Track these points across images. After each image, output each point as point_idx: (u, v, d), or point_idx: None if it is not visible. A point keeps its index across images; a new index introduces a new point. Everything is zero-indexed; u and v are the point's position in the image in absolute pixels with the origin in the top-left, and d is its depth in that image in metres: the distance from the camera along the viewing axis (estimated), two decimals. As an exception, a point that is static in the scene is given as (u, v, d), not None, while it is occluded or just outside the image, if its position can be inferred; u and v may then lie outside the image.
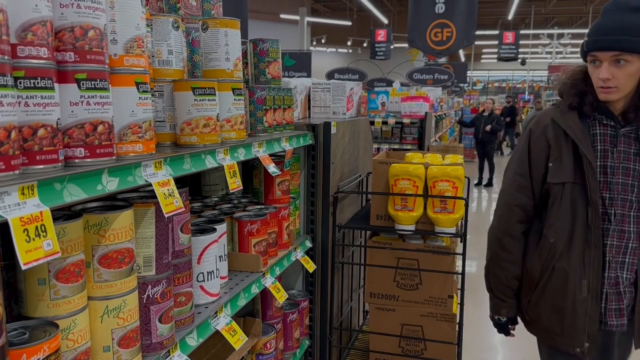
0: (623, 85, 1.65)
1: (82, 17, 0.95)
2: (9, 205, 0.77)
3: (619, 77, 1.64)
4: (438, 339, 2.22)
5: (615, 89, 1.66)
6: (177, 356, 1.25)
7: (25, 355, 0.85)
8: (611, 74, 1.65)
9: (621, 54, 1.62)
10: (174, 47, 1.35)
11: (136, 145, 1.10)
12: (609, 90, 1.67)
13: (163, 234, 1.21)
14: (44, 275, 0.95)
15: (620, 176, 1.71)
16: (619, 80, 1.65)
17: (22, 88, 0.85)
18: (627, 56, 1.62)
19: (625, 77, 1.64)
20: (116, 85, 1.05)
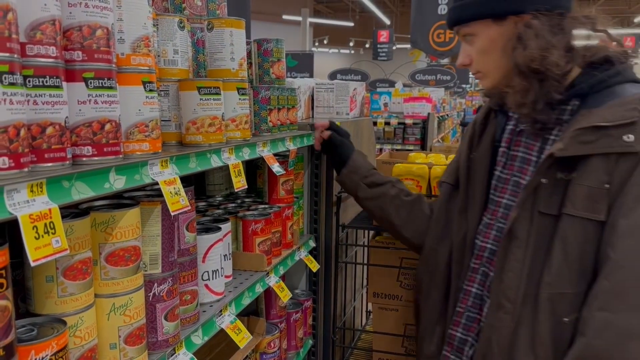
0: (485, 68, 1.33)
1: (90, 17, 0.95)
2: (19, 203, 0.78)
3: (474, 58, 1.33)
4: (441, 338, 2.21)
5: (481, 75, 1.35)
6: (183, 354, 1.26)
7: (34, 351, 0.86)
8: (467, 55, 1.34)
9: (462, 27, 1.33)
10: (179, 46, 1.36)
11: (143, 144, 1.10)
12: (476, 77, 1.37)
13: (169, 233, 1.21)
14: (51, 273, 0.96)
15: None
16: (478, 63, 1.33)
17: (31, 86, 0.86)
18: (469, 28, 1.31)
19: (480, 56, 1.31)
20: (123, 84, 1.06)
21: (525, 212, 1.26)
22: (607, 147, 1.14)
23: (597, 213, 1.16)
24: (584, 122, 1.17)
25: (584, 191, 1.17)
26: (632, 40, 14.56)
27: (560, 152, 1.18)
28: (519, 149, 1.37)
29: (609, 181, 1.14)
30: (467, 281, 1.44)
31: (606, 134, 1.14)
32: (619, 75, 1.23)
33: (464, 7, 1.30)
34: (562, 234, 1.19)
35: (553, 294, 1.20)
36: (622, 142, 1.12)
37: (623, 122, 1.13)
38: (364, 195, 1.75)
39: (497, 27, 1.27)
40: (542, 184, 1.23)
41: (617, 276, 1.12)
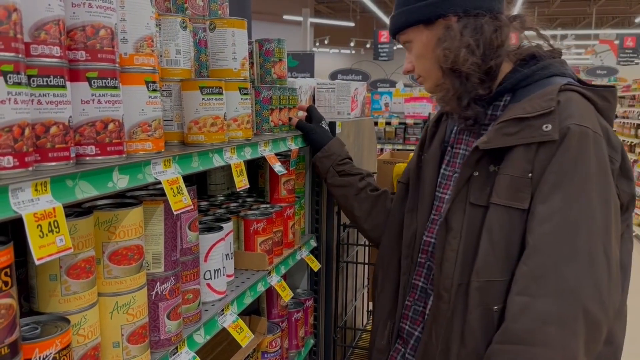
0: (423, 71, 1.38)
1: (93, 17, 0.96)
2: (23, 202, 0.79)
3: (415, 64, 1.39)
4: (442, 338, 2.22)
5: (422, 79, 1.41)
6: (185, 353, 1.26)
7: (38, 349, 0.86)
8: (410, 62, 1.41)
9: (399, 36, 1.39)
10: (181, 46, 1.37)
11: (146, 144, 1.11)
12: (419, 81, 1.43)
13: (171, 232, 1.22)
14: (55, 271, 0.96)
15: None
16: (418, 68, 1.39)
17: (35, 86, 0.86)
18: (405, 35, 1.38)
19: (418, 61, 1.38)
20: (126, 84, 1.07)
21: (459, 203, 1.29)
22: (528, 137, 1.18)
23: (520, 201, 1.19)
24: (507, 115, 1.22)
25: (507, 180, 1.20)
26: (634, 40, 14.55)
27: (484, 145, 1.22)
28: (460, 146, 1.43)
29: (532, 170, 1.18)
30: (415, 275, 1.48)
31: (528, 124, 1.18)
32: (546, 69, 1.28)
33: (399, 16, 1.37)
34: (488, 224, 1.22)
35: (481, 282, 1.23)
36: (542, 132, 1.16)
37: (542, 112, 1.17)
38: (332, 182, 1.83)
39: (428, 32, 1.33)
40: (474, 177, 1.27)
41: (534, 261, 1.15)
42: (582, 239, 1.12)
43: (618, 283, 1.16)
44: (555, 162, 1.16)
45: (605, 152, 1.17)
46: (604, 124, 1.21)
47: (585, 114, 1.18)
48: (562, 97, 1.20)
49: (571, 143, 1.15)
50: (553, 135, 1.16)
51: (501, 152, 1.23)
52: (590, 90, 1.24)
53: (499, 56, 1.29)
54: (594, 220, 1.13)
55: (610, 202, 1.16)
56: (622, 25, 20.03)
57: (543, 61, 1.30)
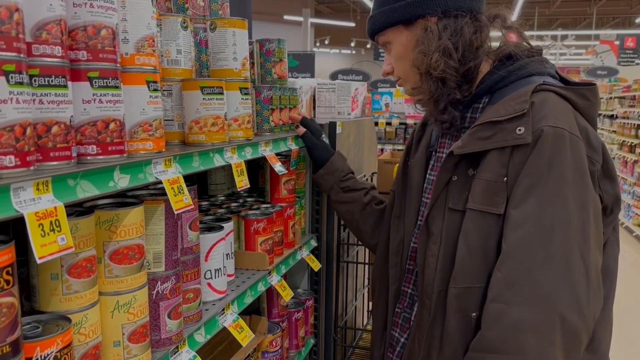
0: (402, 73, 1.36)
1: (94, 17, 0.96)
2: (25, 201, 0.79)
3: (394, 65, 1.37)
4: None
5: (401, 80, 1.39)
6: (186, 352, 1.27)
7: (39, 348, 0.86)
8: (389, 64, 1.39)
9: (379, 36, 1.37)
10: (182, 46, 1.37)
11: (147, 143, 1.11)
12: (398, 83, 1.41)
13: (172, 231, 1.22)
14: (56, 270, 0.97)
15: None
16: (397, 69, 1.37)
17: (37, 86, 0.87)
18: (384, 36, 1.35)
19: (397, 62, 1.35)
20: (127, 84, 1.07)
21: (439, 208, 1.27)
22: (502, 140, 1.15)
23: (496, 206, 1.16)
24: (481, 119, 1.19)
25: (482, 185, 1.17)
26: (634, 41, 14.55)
27: (459, 150, 1.20)
28: (443, 150, 1.40)
29: (506, 174, 1.15)
30: (405, 282, 1.45)
31: (501, 128, 1.15)
32: (522, 69, 1.24)
33: (378, 16, 1.33)
34: (465, 229, 1.20)
35: (459, 288, 1.20)
36: (515, 135, 1.13)
37: (514, 115, 1.14)
38: (337, 199, 1.78)
39: (407, 32, 1.30)
40: (453, 181, 1.24)
41: (508, 267, 1.12)
42: (557, 244, 1.08)
43: (599, 289, 1.11)
44: (529, 165, 1.12)
45: (584, 153, 1.12)
46: (582, 124, 1.17)
47: (561, 115, 1.14)
48: (537, 97, 1.16)
49: (545, 145, 1.11)
50: (526, 138, 1.12)
51: (478, 156, 1.20)
52: (567, 90, 1.19)
53: (477, 57, 1.26)
54: (569, 225, 1.09)
55: (589, 205, 1.11)
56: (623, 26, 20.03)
57: (520, 61, 1.26)
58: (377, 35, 1.36)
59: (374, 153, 3.03)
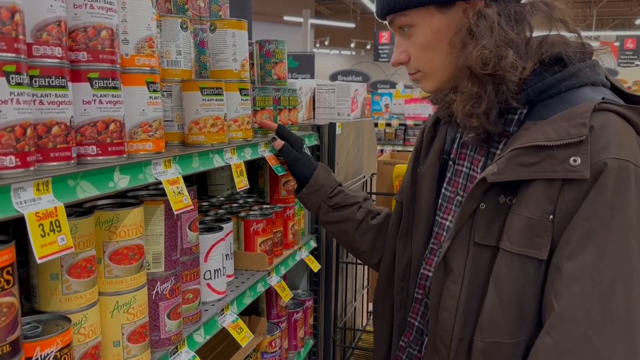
0: (427, 66, 1.11)
1: (95, 18, 0.97)
2: (25, 201, 0.79)
3: (413, 55, 1.10)
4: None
5: (421, 75, 1.13)
6: (185, 352, 1.27)
7: (39, 348, 0.87)
8: (403, 51, 1.12)
9: (397, 17, 1.09)
10: (182, 47, 1.37)
11: (146, 144, 1.12)
12: (415, 77, 1.15)
13: (172, 232, 1.23)
14: (56, 271, 0.97)
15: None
16: (418, 60, 1.11)
17: (37, 86, 0.87)
18: (406, 17, 1.07)
19: (421, 52, 1.09)
20: (127, 85, 1.07)
21: (462, 241, 1.05)
22: (550, 171, 0.94)
23: (538, 249, 0.95)
24: (524, 140, 0.97)
25: (522, 222, 0.96)
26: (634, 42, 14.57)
27: (493, 177, 0.98)
28: (464, 163, 1.18)
29: (554, 211, 0.94)
30: (411, 312, 1.26)
31: (550, 155, 0.94)
32: (573, 78, 1.02)
33: None
34: (497, 272, 1.00)
35: (487, 343, 1.00)
36: (567, 167, 0.92)
37: (568, 141, 0.92)
38: (326, 219, 1.49)
39: (442, 16, 1.04)
40: (480, 210, 1.03)
41: (560, 331, 0.92)
42: (619, 302, 0.90)
43: None
44: (587, 206, 0.91)
45: None
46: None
47: (626, 143, 0.92)
48: (596, 120, 0.93)
49: (607, 183, 0.90)
50: (582, 172, 0.90)
51: (515, 182, 0.99)
52: (630, 110, 0.96)
53: (530, 55, 1.03)
54: (632, 278, 0.90)
55: None
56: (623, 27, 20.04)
57: (571, 66, 1.02)
58: (395, 15, 1.08)
59: (373, 154, 3.03)
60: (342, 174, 2.33)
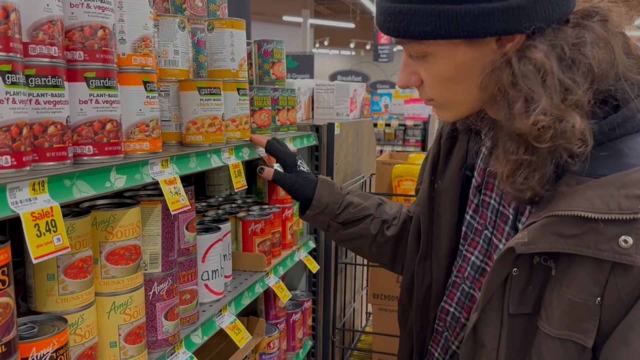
0: (444, 99, 0.91)
1: (91, 17, 0.96)
2: (21, 201, 0.79)
3: (428, 83, 0.89)
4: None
5: (437, 104, 0.93)
6: (182, 353, 1.26)
7: (35, 348, 0.86)
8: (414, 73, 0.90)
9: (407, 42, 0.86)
10: (180, 47, 1.37)
11: (143, 144, 1.11)
12: (429, 104, 0.95)
13: (169, 232, 1.22)
14: (52, 271, 0.97)
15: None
16: (434, 90, 0.90)
17: (33, 86, 0.87)
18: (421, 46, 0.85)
19: (439, 84, 0.88)
20: (124, 84, 1.07)
21: (493, 312, 0.90)
22: (594, 249, 0.76)
23: (583, 334, 0.80)
24: (563, 205, 0.79)
25: (563, 303, 0.81)
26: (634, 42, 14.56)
27: (523, 249, 0.82)
28: (491, 194, 1.01)
29: (601, 294, 0.78)
30: (432, 343, 1.15)
31: (594, 228, 0.76)
32: (629, 122, 0.79)
33: (413, 16, 0.80)
34: (537, 350, 0.86)
35: None
36: (616, 247, 0.74)
37: (618, 217, 0.74)
38: (338, 238, 1.34)
39: (468, 49, 0.82)
40: (513, 276, 0.87)
41: None
42: None
43: None
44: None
45: None
46: None
47: None
48: None
49: None
50: (635, 257, 0.73)
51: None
52: None
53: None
54: None
55: None
56: (622, 28, 20.03)
57: (627, 106, 0.80)
58: (408, 41, 0.86)
59: (372, 154, 3.03)
60: (341, 174, 2.33)
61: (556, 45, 0.78)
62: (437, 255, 1.11)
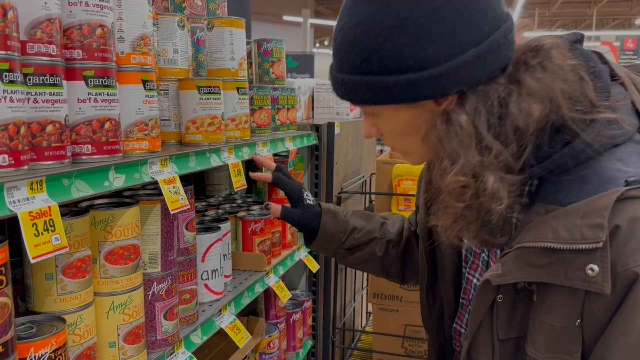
0: (401, 149, 0.97)
1: (90, 15, 0.96)
2: (18, 200, 0.78)
3: (384, 135, 0.96)
4: (441, 339, 2.22)
5: (399, 152, 0.99)
6: (182, 353, 1.26)
7: (33, 348, 0.86)
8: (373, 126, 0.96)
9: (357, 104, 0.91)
10: (179, 46, 1.37)
11: (142, 143, 1.11)
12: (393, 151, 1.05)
13: (168, 232, 1.22)
14: (51, 271, 0.96)
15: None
16: (390, 142, 0.97)
17: (32, 84, 0.86)
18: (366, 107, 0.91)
19: (391, 136, 0.94)
20: (123, 83, 1.06)
21: (483, 338, 0.92)
22: (564, 277, 0.78)
23: (568, 355, 0.82)
24: (531, 236, 0.81)
25: (546, 328, 0.83)
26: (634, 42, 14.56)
27: (498, 280, 0.84)
28: None
29: (580, 317, 0.80)
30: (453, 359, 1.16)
31: (562, 258, 0.78)
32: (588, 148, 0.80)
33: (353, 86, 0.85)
34: None
35: None
36: (583, 276, 0.76)
37: (582, 247, 0.75)
38: (346, 263, 1.36)
39: (409, 109, 0.86)
40: (498, 303, 0.89)
41: None
42: None
43: None
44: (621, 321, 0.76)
45: None
46: None
47: None
48: (623, 216, 0.75)
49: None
50: (602, 285, 0.75)
51: None
52: None
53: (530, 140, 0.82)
54: None
55: None
56: (623, 27, 20.04)
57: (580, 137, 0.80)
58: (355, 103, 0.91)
59: (372, 153, 3.02)
60: (341, 173, 2.33)
61: (485, 103, 0.81)
62: (443, 280, 1.11)
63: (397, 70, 0.80)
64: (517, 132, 0.81)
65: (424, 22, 0.78)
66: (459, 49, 0.79)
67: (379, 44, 0.80)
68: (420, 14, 0.78)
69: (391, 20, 0.79)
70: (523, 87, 0.81)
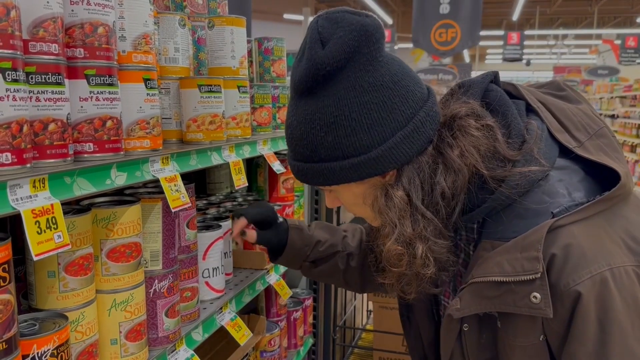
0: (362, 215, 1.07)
1: (91, 14, 0.96)
2: (21, 198, 0.79)
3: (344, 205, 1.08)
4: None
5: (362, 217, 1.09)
6: (183, 350, 1.27)
7: (36, 345, 0.86)
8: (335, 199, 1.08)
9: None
10: (180, 44, 1.37)
11: (144, 141, 1.11)
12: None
13: (170, 229, 1.22)
14: (53, 268, 0.97)
15: None
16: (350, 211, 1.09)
17: (34, 83, 0.87)
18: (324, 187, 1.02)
19: (350, 206, 1.06)
20: (124, 82, 1.07)
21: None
22: (513, 306, 0.87)
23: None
24: (481, 271, 0.90)
25: (516, 351, 0.92)
26: (635, 40, 14.55)
27: (458, 314, 0.93)
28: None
29: (542, 332, 0.89)
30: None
31: (509, 290, 0.87)
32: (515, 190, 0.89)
33: (307, 172, 0.97)
34: None
35: None
36: (529, 303, 0.85)
37: (525, 278, 0.85)
38: (310, 275, 1.46)
39: (359, 184, 0.97)
40: (465, 332, 0.98)
41: None
42: None
43: None
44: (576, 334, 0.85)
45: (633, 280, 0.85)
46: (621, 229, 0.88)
47: (597, 252, 0.84)
48: (557, 244, 0.85)
49: (587, 309, 0.83)
50: (545, 310, 0.84)
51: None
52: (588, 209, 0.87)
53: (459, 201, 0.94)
54: None
55: None
56: (624, 25, 20.01)
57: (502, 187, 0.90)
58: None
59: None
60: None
61: (419, 174, 0.93)
62: (417, 308, 1.18)
63: (341, 157, 0.92)
64: (445, 199, 0.92)
65: (355, 116, 0.89)
66: (389, 133, 0.90)
67: (321, 137, 0.91)
68: (351, 109, 0.89)
69: (327, 118, 0.90)
70: (446, 158, 0.93)
